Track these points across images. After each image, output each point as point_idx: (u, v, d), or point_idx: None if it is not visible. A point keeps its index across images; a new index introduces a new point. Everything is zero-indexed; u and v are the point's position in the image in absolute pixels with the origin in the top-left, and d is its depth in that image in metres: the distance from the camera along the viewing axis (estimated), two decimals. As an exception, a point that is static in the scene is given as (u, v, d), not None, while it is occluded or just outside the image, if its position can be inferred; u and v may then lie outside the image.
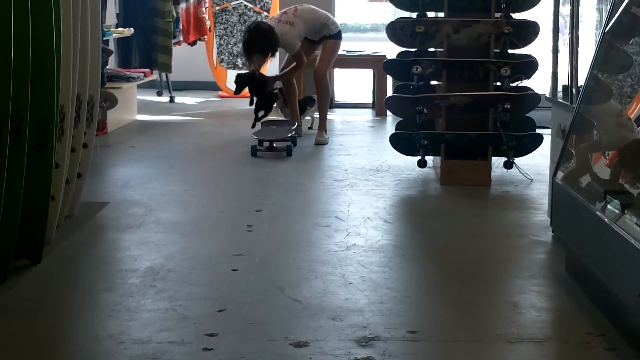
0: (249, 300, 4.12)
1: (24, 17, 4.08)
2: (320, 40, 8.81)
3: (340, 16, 13.15)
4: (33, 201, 4.49)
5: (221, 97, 12.29)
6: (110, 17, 10.67)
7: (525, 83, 6.88)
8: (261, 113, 8.37)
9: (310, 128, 9.16)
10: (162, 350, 3.50)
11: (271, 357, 3.48)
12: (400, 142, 6.97)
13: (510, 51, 6.88)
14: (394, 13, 12.54)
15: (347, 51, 11.43)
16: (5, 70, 3.88)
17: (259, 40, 8.38)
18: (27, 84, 4.14)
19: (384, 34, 7.22)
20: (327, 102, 8.87)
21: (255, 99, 8.40)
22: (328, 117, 8.96)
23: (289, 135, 8.10)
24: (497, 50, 6.87)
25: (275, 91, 8.76)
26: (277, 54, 8.66)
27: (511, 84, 6.79)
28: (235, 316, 3.90)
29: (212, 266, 4.68)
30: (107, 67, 9.72)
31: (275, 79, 8.79)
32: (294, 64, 8.72)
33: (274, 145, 7.97)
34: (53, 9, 4.42)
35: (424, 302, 4.19)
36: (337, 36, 8.81)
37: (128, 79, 9.89)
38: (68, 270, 4.67)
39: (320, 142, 8.51)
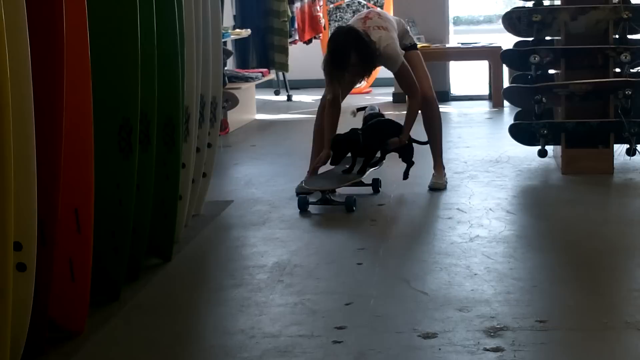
0: (376, 293, 4.15)
1: (149, 23, 4.18)
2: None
3: (453, 9, 13.09)
4: (162, 201, 4.60)
5: (337, 93, 12.36)
6: (228, 19, 10.85)
7: (646, 69, 6.79)
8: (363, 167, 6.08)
9: None
10: (293, 344, 3.55)
11: (400, 349, 3.49)
12: (520, 133, 6.93)
13: (629, 36, 6.78)
14: (506, 4, 12.46)
15: (462, 43, 11.43)
16: (133, 75, 3.98)
17: (357, 47, 5.82)
18: (154, 86, 4.24)
19: (497, 25, 7.20)
20: (440, 129, 6.38)
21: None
22: (445, 110, 8.83)
23: (349, 183, 6.00)
24: (616, 36, 6.78)
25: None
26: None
27: (632, 70, 6.69)
28: (363, 309, 3.93)
29: (338, 260, 4.73)
30: (226, 68, 9.88)
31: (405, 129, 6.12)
32: (410, 103, 6.12)
33: (328, 196, 5.92)
34: (176, 13, 4.53)
35: (552, 292, 4.17)
36: (416, 46, 6.38)
37: (247, 79, 10.05)
38: (197, 268, 4.78)
39: (437, 187, 6.24)
